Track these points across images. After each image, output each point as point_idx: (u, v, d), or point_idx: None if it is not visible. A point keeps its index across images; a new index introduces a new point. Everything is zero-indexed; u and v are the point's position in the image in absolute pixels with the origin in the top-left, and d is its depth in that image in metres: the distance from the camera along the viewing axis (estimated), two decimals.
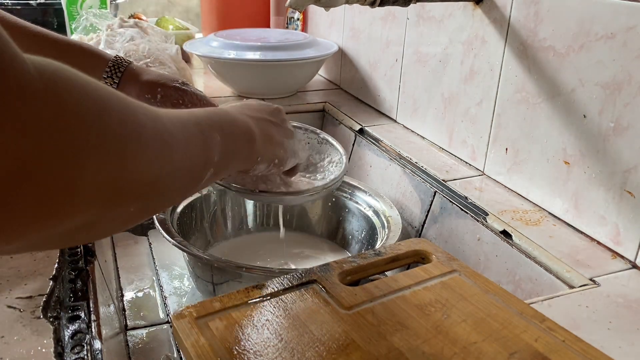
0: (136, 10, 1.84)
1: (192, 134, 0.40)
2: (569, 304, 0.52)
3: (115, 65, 0.62)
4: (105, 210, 0.30)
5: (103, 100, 0.29)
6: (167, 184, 0.36)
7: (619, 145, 0.59)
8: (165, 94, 0.62)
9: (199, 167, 0.41)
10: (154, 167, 0.33)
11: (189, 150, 0.39)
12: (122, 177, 0.30)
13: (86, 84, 0.29)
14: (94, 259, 0.56)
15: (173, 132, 0.36)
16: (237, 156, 0.49)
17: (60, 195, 0.26)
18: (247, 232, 0.89)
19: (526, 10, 0.68)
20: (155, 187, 0.34)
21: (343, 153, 0.72)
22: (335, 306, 0.45)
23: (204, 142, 0.41)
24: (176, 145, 0.37)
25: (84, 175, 0.27)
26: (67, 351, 0.43)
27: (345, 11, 1.14)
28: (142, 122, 0.32)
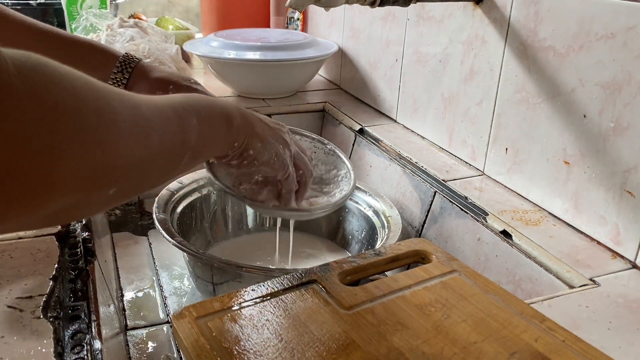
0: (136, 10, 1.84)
1: (168, 118, 0.41)
2: (569, 304, 0.52)
3: (125, 62, 0.62)
4: (85, 195, 0.31)
5: (80, 92, 0.30)
6: (145, 168, 0.37)
7: (619, 145, 0.59)
8: (176, 91, 0.61)
9: (176, 151, 0.42)
10: (131, 152, 0.35)
11: (166, 135, 0.40)
12: (100, 164, 0.32)
13: (64, 76, 0.30)
14: (94, 259, 0.56)
15: (149, 117, 0.38)
16: (215, 139, 0.50)
17: (40, 185, 0.28)
18: (247, 232, 0.89)
19: (526, 10, 0.68)
20: (133, 171, 0.36)
21: (351, 168, 0.70)
22: (335, 306, 0.45)
23: (180, 126, 0.42)
24: (153, 130, 0.38)
25: (62, 165, 0.28)
26: (67, 351, 0.43)
27: (345, 11, 1.14)
28: (117, 111, 0.33)
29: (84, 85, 0.31)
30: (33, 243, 0.56)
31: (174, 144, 0.41)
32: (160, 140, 0.39)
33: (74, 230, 0.59)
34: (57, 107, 0.28)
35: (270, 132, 0.57)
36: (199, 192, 0.82)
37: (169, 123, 0.41)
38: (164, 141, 0.39)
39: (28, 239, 0.56)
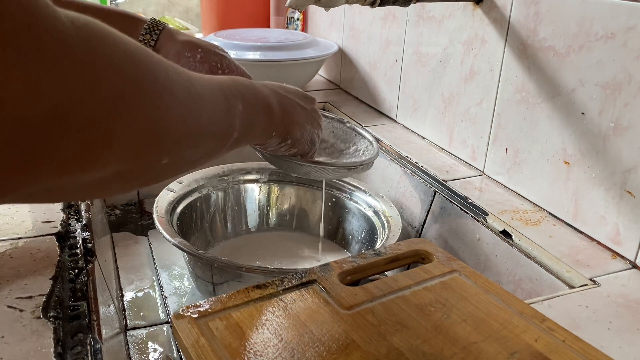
0: (136, 10, 1.84)
1: (218, 98, 0.41)
2: (569, 304, 0.52)
3: (153, 25, 0.62)
4: (138, 160, 0.32)
5: (135, 53, 0.30)
6: (194, 143, 0.38)
7: (619, 145, 0.59)
8: (205, 55, 0.62)
9: (222, 133, 0.43)
10: (184, 123, 0.35)
11: (215, 114, 0.40)
12: (155, 129, 0.32)
13: (118, 37, 0.30)
14: (94, 259, 0.56)
15: (201, 93, 0.38)
16: (256, 127, 0.50)
17: (96, 142, 0.28)
18: (247, 232, 0.89)
19: (526, 10, 0.68)
20: (183, 144, 0.36)
21: (372, 139, 0.71)
22: (335, 306, 0.45)
23: (228, 109, 0.43)
24: (204, 106, 0.38)
25: (119, 123, 0.28)
26: (67, 351, 0.43)
27: (345, 11, 1.14)
28: (173, 79, 0.34)
29: (138, 49, 0.31)
30: (33, 243, 0.56)
31: (221, 125, 0.42)
32: (210, 118, 0.39)
33: (74, 230, 0.59)
34: (112, 62, 0.28)
35: (306, 118, 0.58)
36: (199, 192, 0.82)
37: (219, 103, 0.41)
38: (213, 120, 0.40)
39: (28, 239, 0.56)
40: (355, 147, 0.72)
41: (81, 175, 0.28)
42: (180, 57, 0.61)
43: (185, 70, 0.37)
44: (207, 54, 0.62)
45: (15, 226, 0.58)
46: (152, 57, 0.32)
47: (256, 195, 0.89)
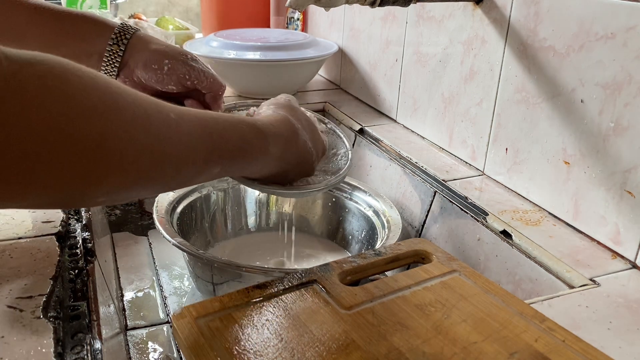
0: (136, 10, 1.84)
1: (194, 162, 0.42)
2: (569, 304, 0.52)
3: (122, 32, 0.60)
4: (65, 202, 0.35)
5: (75, 101, 0.32)
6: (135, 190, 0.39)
7: (619, 145, 0.59)
8: (172, 66, 0.60)
9: (192, 182, 0.45)
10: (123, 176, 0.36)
11: (185, 171, 0.42)
12: (82, 182, 0.33)
13: (60, 81, 0.31)
14: (94, 259, 0.56)
15: (175, 162, 0.40)
16: (243, 170, 0.52)
17: (11, 192, 0.30)
18: (247, 232, 0.89)
19: (526, 10, 0.68)
20: (122, 191, 0.37)
21: (349, 147, 0.71)
22: (335, 306, 0.45)
23: (202, 171, 0.44)
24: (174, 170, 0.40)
25: (33, 179, 0.30)
26: (67, 351, 0.43)
27: (345, 11, 1.14)
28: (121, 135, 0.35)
29: (85, 92, 0.32)
30: (33, 243, 0.56)
31: (190, 178, 0.43)
32: (178, 173, 0.41)
33: (74, 230, 0.59)
34: (43, 120, 0.29)
35: (309, 147, 0.57)
36: (199, 192, 0.82)
37: (192, 165, 0.42)
38: (180, 174, 0.41)
39: (28, 239, 0.56)
40: (334, 152, 0.71)
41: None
42: (147, 68, 0.59)
43: (168, 111, 0.38)
44: (175, 64, 0.60)
45: (15, 226, 0.58)
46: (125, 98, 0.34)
47: (256, 195, 0.89)
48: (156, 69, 0.59)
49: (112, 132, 0.33)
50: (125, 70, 0.59)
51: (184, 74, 0.60)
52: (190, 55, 0.62)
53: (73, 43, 0.59)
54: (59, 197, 0.32)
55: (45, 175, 0.30)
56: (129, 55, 0.60)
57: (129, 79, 0.60)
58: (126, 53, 0.59)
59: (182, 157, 0.40)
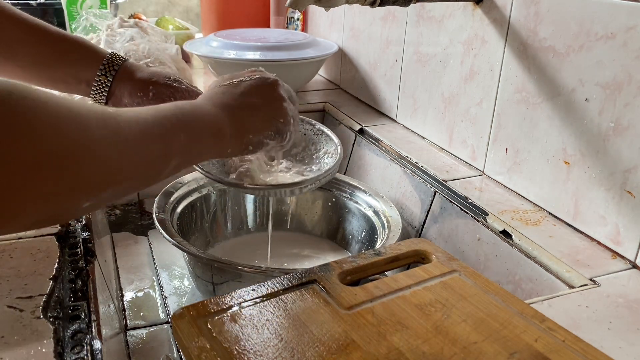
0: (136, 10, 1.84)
1: (151, 137, 0.44)
2: (569, 304, 0.52)
3: (110, 62, 0.62)
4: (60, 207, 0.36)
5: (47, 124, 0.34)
6: (120, 185, 0.41)
7: (619, 145, 0.59)
8: (157, 91, 0.62)
9: (156, 165, 0.45)
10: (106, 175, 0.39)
11: (145, 152, 0.43)
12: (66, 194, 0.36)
13: (32, 110, 0.33)
14: (94, 259, 0.56)
15: (129, 139, 0.41)
16: (203, 153, 0.53)
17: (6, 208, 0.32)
18: (247, 232, 0.89)
19: (526, 10, 0.68)
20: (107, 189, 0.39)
21: (338, 143, 0.71)
22: (335, 306, 0.45)
23: (163, 143, 0.45)
24: (130, 154, 0.41)
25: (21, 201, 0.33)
26: (67, 351, 0.43)
27: (345, 11, 1.14)
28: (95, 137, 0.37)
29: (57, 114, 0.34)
30: (33, 243, 0.56)
31: (153, 159, 0.45)
32: (139, 157, 0.42)
33: (74, 230, 0.59)
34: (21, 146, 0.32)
35: (269, 117, 0.58)
36: (199, 192, 0.82)
37: (151, 141, 0.44)
38: (142, 157, 0.43)
39: (28, 239, 0.56)
40: (325, 150, 0.72)
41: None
42: (133, 97, 0.62)
43: (115, 116, 0.40)
44: (160, 89, 0.62)
45: None
46: (69, 121, 0.36)
47: (256, 197, 0.89)
48: (142, 97, 0.62)
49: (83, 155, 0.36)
50: (113, 99, 0.63)
51: (168, 96, 0.63)
52: (174, 77, 0.64)
53: (64, 68, 0.62)
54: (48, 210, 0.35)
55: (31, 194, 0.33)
56: (115, 85, 0.63)
57: (118, 106, 0.63)
58: (113, 83, 0.63)
59: (140, 155, 0.43)
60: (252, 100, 0.57)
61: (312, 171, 0.69)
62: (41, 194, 0.33)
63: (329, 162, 0.70)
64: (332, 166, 0.67)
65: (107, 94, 0.62)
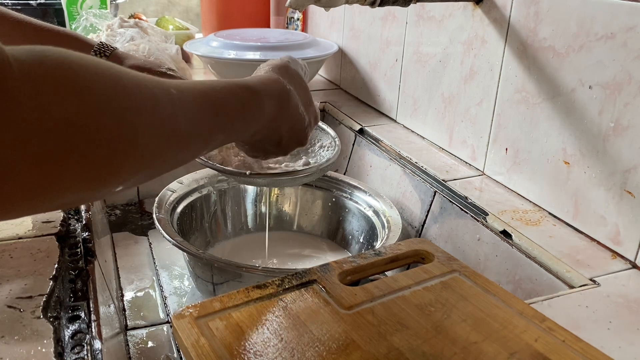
0: (136, 10, 1.84)
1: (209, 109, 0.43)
2: (569, 304, 0.52)
3: (100, 50, 0.62)
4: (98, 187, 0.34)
5: (95, 83, 0.31)
6: (176, 147, 0.39)
7: (619, 145, 0.59)
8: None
9: (204, 139, 0.44)
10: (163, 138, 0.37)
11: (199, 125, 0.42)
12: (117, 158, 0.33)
13: (76, 67, 0.30)
14: (94, 259, 0.56)
15: (187, 106, 0.40)
16: (243, 133, 0.51)
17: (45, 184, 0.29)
18: (247, 232, 0.89)
19: (526, 10, 0.68)
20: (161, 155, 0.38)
21: (335, 136, 0.71)
22: (335, 306, 0.45)
23: (210, 140, 0.45)
24: (185, 119, 0.40)
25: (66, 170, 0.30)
26: (67, 351, 0.43)
27: (345, 11, 1.14)
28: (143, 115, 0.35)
29: (101, 77, 0.32)
30: (33, 243, 0.56)
31: (198, 149, 0.44)
32: (193, 126, 0.41)
33: (74, 230, 0.59)
34: (64, 112, 0.28)
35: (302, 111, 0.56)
36: (199, 192, 0.82)
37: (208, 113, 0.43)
38: (196, 128, 0.41)
39: (28, 239, 0.56)
40: (320, 144, 0.72)
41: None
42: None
43: (169, 87, 0.38)
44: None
45: (15, 226, 0.58)
46: (119, 85, 0.33)
47: (256, 195, 0.89)
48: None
49: (124, 118, 0.32)
50: None
51: None
52: (168, 67, 0.64)
53: None
54: (81, 193, 0.32)
55: (67, 172, 0.29)
56: None
57: None
58: None
59: (189, 131, 0.41)
60: (284, 136, 0.55)
61: (308, 164, 0.69)
62: (93, 162, 0.31)
63: (325, 154, 0.70)
64: (331, 156, 0.67)
65: None
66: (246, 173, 0.62)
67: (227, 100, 0.47)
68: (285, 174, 0.64)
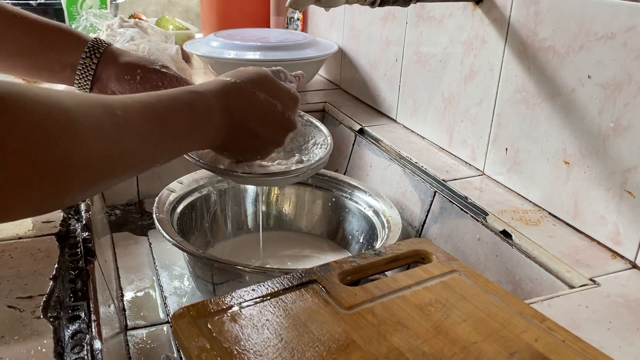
0: (136, 10, 1.84)
1: (150, 126, 0.45)
2: (569, 304, 0.52)
3: (94, 46, 0.62)
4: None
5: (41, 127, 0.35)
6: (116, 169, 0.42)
7: (619, 145, 0.59)
8: (144, 76, 0.61)
9: (150, 156, 0.46)
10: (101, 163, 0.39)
11: (141, 143, 0.44)
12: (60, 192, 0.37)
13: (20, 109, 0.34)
14: (94, 259, 0.56)
15: (127, 128, 0.42)
16: (193, 147, 0.53)
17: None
18: (247, 232, 0.89)
19: (526, 10, 0.68)
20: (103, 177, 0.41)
21: (328, 134, 0.71)
22: (335, 306, 0.45)
23: (159, 153, 0.47)
24: (126, 141, 0.42)
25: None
26: (67, 351, 0.43)
27: (345, 11, 1.14)
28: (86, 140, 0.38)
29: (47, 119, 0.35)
30: (33, 243, 0.56)
31: (148, 163, 0.46)
32: (134, 146, 0.43)
33: (74, 230, 0.59)
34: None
35: (266, 150, 0.58)
36: (199, 192, 0.82)
37: (150, 131, 0.45)
38: (138, 147, 0.44)
39: (28, 239, 0.56)
40: (314, 141, 0.72)
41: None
42: (120, 80, 0.61)
43: (111, 103, 0.40)
44: (147, 73, 0.61)
45: (15, 226, 0.58)
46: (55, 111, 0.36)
47: (256, 195, 0.89)
48: (129, 80, 0.61)
49: (71, 149, 0.36)
50: (98, 83, 0.62)
51: (156, 81, 0.62)
52: (161, 64, 0.64)
53: (47, 53, 0.61)
54: (33, 213, 0.37)
55: (18, 199, 0.34)
56: (101, 69, 0.62)
57: (103, 92, 0.62)
58: (99, 67, 0.62)
59: (137, 147, 0.44)
60: (258, 128, 0.56)
61: (302, 162, 0.69)
62: (37, 188, 0.34)
63: (318, 152, 0.69)
64: (323, 155, 0.67)
65: (93, 78, 0.61)
66: (236, 172, 0.62)
67: (173, 107, 0.48)
68: (275, 173, 0.64)
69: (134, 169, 0.44)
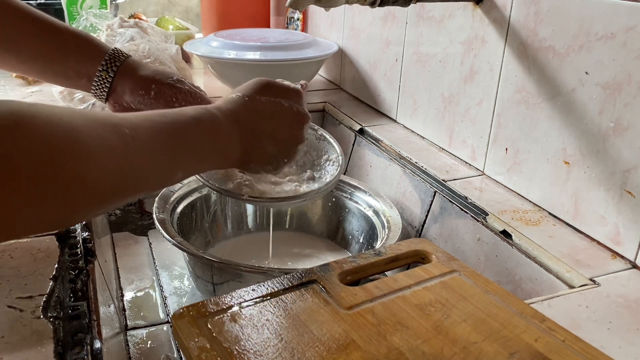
0: (136, 10, 1.84)
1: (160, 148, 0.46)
2: (569, 304, 0.52)
3: (112, 58, 0.62)
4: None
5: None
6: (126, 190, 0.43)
7: (619, 145, 0.59)
8: (158, 90, 0.61)
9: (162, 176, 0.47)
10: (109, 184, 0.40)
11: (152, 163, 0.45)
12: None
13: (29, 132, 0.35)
14: (94, 259, 0.56)
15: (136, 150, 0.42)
16: (208, 166, 0.54)
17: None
18: (247, 232, 0.89)
19: (526, 10, 0.68)
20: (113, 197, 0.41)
21: (340, 152, 0.71)
22: (335, 306, 0.45)
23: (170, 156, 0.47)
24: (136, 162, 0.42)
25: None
26: (67, 351, 0.43)
27: (345, 11, 1.14)
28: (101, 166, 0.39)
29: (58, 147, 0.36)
30: (33, 243, 0.56)
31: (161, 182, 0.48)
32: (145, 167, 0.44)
33: (74, 230, 0.59)
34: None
35: (278, 163, 0.58)
36: (199, 192, 0.82)
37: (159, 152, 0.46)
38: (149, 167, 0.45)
39: (28, 239, 0.56)
40: (326, 157, 0.72)
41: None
42: (134, 94, 0.61)
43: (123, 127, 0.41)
44: (162, 88, 0.62)
45: None
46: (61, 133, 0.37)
47: None
48: (143, 94, 0.62)
49: (79, 169, 0.36)
50: (113, 95, 0.62)
51: (170, 96, 0.62)
52: (177, 77, 0.64)
53: (66, 62, 0.61)
54: (44, 229, 0.37)
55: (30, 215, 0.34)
56: (117, 81, 0.62)
57: (118, 103, 0.62)
58: (115, 79, 0.62)
59: (146, 166, 0.43)
60: (272, 128, 0.56)
61: (313, 178, 0.69)
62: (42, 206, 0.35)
63: (330, 170, 0.70)
64: (332, 178, 0.67)
65: (108, 90, 0.62)
66: (243, 196, 0.63)
67: (179, 121, 0.49)
68: (281, 199, 0.64)
69: (146, 187, 0.44)
